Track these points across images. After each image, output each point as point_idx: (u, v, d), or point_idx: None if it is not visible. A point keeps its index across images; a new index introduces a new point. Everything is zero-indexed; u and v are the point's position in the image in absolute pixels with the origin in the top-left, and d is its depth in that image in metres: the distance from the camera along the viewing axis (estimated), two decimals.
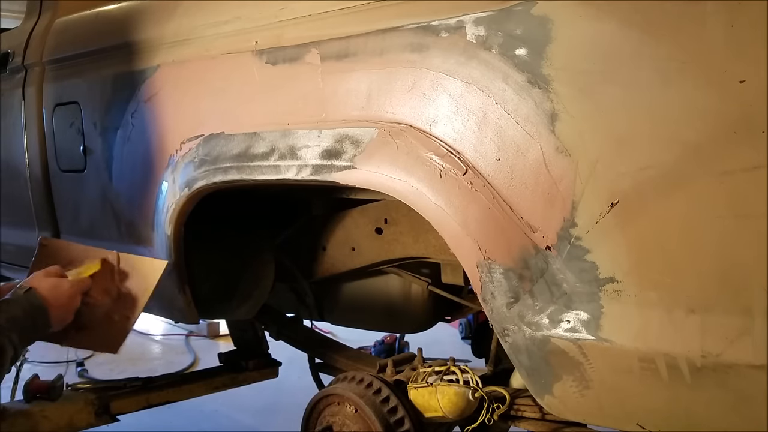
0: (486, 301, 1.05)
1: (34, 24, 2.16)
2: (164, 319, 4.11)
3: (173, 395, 2.12)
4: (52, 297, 1.32)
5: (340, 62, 1.21)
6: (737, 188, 0.83)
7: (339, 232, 1.71)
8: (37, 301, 1.30)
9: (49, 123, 1.97)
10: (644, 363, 0.91)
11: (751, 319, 0.84)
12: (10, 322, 1.25)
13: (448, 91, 1.06)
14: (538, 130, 0.96)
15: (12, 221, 2.25)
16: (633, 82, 0.89)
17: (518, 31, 0.98)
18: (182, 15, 1.56)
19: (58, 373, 1.96)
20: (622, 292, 0.92)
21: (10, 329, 1.24)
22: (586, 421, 1.05)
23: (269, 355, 2.40)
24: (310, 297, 1.87)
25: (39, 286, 1.33)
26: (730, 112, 0.83)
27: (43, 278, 1.36)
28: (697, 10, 0.85)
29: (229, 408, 3.05)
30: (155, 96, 1.59)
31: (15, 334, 1.24)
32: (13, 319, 1.26)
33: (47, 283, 1.34)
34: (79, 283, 1.40)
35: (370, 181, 1.16)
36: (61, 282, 1.37)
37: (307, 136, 1.24)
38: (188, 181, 1.45)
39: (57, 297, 1.33)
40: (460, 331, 4.34)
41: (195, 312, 1.65)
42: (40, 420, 1.81)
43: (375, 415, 1.36)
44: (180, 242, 1.55)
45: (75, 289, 1.38)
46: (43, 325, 1.31)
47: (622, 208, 0.90)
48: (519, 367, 1.06)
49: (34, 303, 1.30)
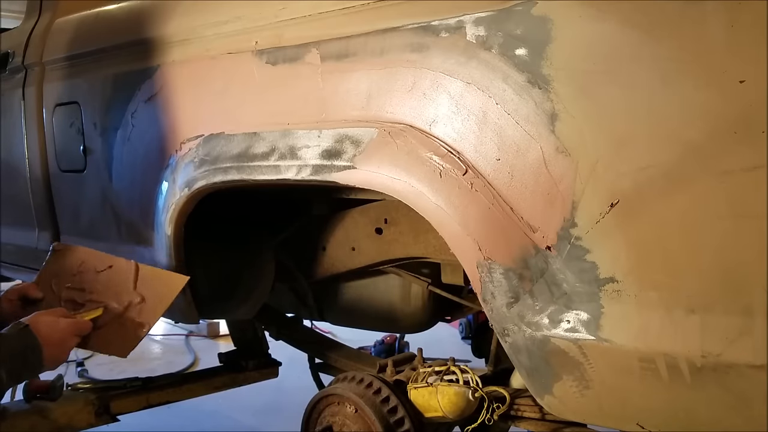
0: (486, 301, 1.05)
1: (34, 24, 2.16)
2: (164, 319, 4.11)
3: (173, 395, 2.12)
4: (46, 335, 1.30)
5: (340, 62, 1.21)
6: (737, 188, 0.83)
7: (339, 232, 1.71)
8: (31, 339, 1.28)
9: (49, 123, 1.97)
10: (644, 363, 0.91)
11: (751, 319, 0.83)
12: (1, 357, 1.23)
13: (448, 91, 1.06)
14: (538, 130, 0.96)
15: (12, 221, 2.25)
16: (633, 82, 0.89)
17: (518, 31, 0.98)
18: (182, 15, 1.56)
19: (58, 373, 1.96)
20: (622, 292, 0.92)
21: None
22: (586, 421, 1.05)
23: (269, 355, 2.40)
24: (310, 297, 1.87)
25: (36, 324, 1.31)
26: (730, 112, 0.83)
27: (42, 315, 1.34)
28: (697, 10, 0.85)
29: (229, 408, 3.05)
30: (155, 96, 1.59)
31: (3, 370, 1.23)
32: (4, 354, 1.24)
33: (44, 322, 1.32)
34: (76, 324, 1.37)
35: (370, 181, 1.16)
36: (58, 321, 1.34)
37: (307, 136, 1.24)
38: (188, 181, 1.45)
39: (51, 335, 1.31)
40: (460, 331, 4.34)
41: (195, 312, 1.64)
42: (40, 420, 1.81)
43: (375, 415, 1.36)
44: (180, 242, 1.55)
45: (71, 329, 1.35)
46: (34, 362, 1.29)
47: (622, 208, 0.90)
48: (519, 367, 1.06)
49: (27, 340, 1.28)
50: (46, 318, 1.34)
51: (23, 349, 1.27)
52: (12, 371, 1.25)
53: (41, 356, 1.29)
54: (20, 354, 1.27)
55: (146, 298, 1.48)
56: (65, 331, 1.34)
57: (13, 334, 1.28)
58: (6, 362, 1.24)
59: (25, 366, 1.29)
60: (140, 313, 1.47)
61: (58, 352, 1.32)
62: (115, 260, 1.55)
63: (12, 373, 1.26)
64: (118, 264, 1.54)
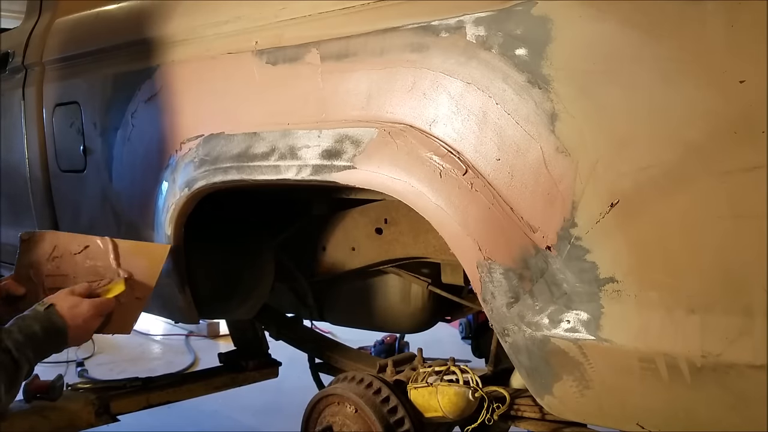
0: (486, 301, 1.05)
1: (34, 24, 2.15)
2: (164, 319, 4.11)
3: (173, 395, 2.11)
4: (70, 316, 1.32)
5: (340, 62, 1.21)
6: (737, 188, 0.83)
7: (339, 232, 1.71)
8: (56, 319, 1.31)
9: (49, 123, 1.97)
10: (644, 363, 0.91)
11: (751, 319, 0.84)
12: (27, 338, 1.26)
13: (448, 91, 1.06)
14: (538, 130, 0.96)
15: (12, 221, 2.25)
16: (633, 82, 0.89)
17: (518, 31, 0.98)
18: (182, 15, 1.56)
19: (58, 373, 1.96)
20: (622, 292, 0.92)
21: (26, 345, 1.25)
22: (586, 421, 1.05)
23: (269, 355, 2.40)
24: (310, 297, 1.87)
25: (60, 304, 1.33)
26: (730, 112, 0.83)
27: (65, 296, 1.36)
28: (697, 10, 0.85)
29: (230, 408, 3.05)
30: (155, 96, 1.59)
31: (31, 350, 1.26)
32: (31, 335, 1.27)
33: (68, 302, 1.34)
34: (100, 304, 1.39)
35: (370, 181, 1.16)
36: (82, 302, 1.36)
37: (307, 136, 1.24)
38: (188, 181, 1.45)
39: (75, 317, 1.33)
40: (460, 331, 4.34)
41: (195, 312, 1.65)
42: (40, 420, 1.80)
43: (375, 415, 1.36)
44: (180, 242, 1.55)
45: (96, 311, 1.37)
46: (58, 343, 1.32)
47: (622, 208, 0.90)
48: (519, 367, 1.06)
49: (52, 320, 1.31)
50: (70, 298, 1.36)
51: (49, 329, 1.30)
52: (38, 351, 1.28)
53: (66, 337, 1.32)
54: (47, 334, 1.29)
55: (134, 273, 1.49)
56: (89, 312, 1.36)
57: (38, 314, 1.30)
58: (35, 343, 1.27)
59: (50, 346, 1.31)
60: (133, 288, 1.47)
61: (81, 333, 1.35)
62: (88, 239, 1.55)
63: (38, 353, 1.28)
64: (92, 242, 1.54)
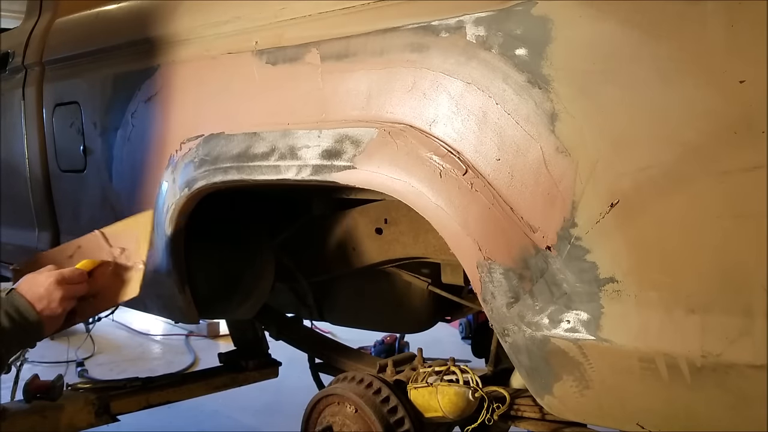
0: (486, 301, 1.05)
1: (34, 24, 2.16)
2: (164, 319, 4.12)
3: (173, 395, 2.12)
4: (28, 289, 1.33)
5: (340, 62, 1.21)
6: (737, 188, 0.83)
7: (339, 232, 1.71)
8: (15, 298, 1.32)
9: (49, 123, 1.97)
10: (644, 363, 0.91)
11: (751, 319, 0.83)
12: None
13: (448, 91, 1.06)
14: (538, 130, 0.96)
15: (12, 221, 2.25)
16: (633, 82, 0.89)
17: (518, 31, 0.98)
18: (182, 15, 1.56)
19: (58, 373, 1.96)
20: (622, 292, 0.92)
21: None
22: (586, 421, 1.05)
23: (269, 355, 2.40)
24: (310, 297, 1.87)
25: (19, 286, 1.35)
26: (730, 112, 0.83)
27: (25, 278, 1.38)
28: (697, 10, 0.85)
29: (230, 408, 3.05)
30: (155, 96, 1.59)
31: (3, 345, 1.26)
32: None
33: (25, 281, 1.36)
34: (59, 273, 1.37)
35: (370, 181, 1.16)
36: (38, 274, 1.37)
37: (307, 136, 1.24)
38: (188, 181, 1.45)
39: (33, 288, 1.34)
40: (460, 331, 4.34)
41: (195, 312, 1.64)
42: (40, 420, 1.81)
43: (375, 415, 1.36)
44: (180, 242, 1.55)
45: (54, 278, 1.36)
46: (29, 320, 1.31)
47: (622, 208, 0.90)
48: (519, 367, 1.06)
49: (13, 301, 1.32)
50: (28, 277, 1.37)
51: (11, 309, 1.30)
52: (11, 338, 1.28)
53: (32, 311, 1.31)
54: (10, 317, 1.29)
55: (126, 246, 1.50)
56: (46, 281, 1.35)
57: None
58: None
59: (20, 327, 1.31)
60: (129, 258, 1.49)
61: (47, 304, 1.34)
62: (79, 240, 1.56)
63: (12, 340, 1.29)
64: (84, 241, 1.55)
